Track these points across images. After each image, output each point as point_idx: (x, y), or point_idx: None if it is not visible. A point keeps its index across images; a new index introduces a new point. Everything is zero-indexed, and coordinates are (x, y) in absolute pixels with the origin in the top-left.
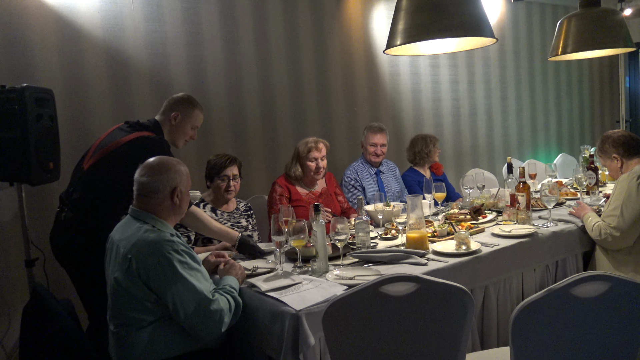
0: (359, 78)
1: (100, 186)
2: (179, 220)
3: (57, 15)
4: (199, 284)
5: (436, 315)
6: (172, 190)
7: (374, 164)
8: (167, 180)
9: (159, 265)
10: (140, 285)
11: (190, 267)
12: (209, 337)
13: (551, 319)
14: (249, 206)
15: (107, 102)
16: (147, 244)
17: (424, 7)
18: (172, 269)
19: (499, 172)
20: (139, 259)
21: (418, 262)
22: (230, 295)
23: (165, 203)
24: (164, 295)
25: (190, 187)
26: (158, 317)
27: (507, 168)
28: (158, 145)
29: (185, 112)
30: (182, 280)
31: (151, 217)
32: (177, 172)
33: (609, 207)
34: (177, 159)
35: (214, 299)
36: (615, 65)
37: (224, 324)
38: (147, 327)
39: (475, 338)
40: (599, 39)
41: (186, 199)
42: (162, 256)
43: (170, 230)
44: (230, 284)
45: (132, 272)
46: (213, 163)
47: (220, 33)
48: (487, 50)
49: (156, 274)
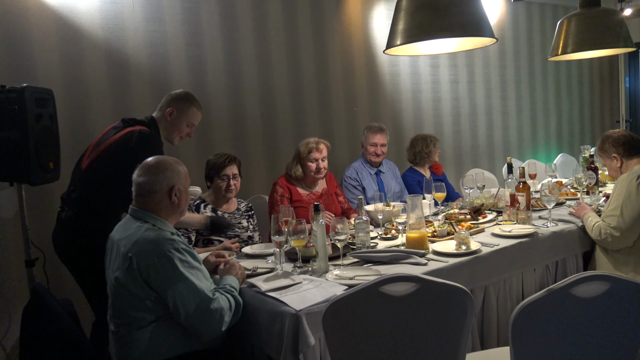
0: (359, 78)
1: (97, 184)
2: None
3: (57, 15)
4: (200, 282)
5: (436, 315)
6: (169, 189)
7: (374, 164)
8: (164, 180)
9: (160, 264)
10: (141, 284)
11: (191, 265)
12: (209, 336)
13: (551, 319)
14: (249, 206)
15: (107, 102)
16: (147, 242)
17: (424, 7)
18: (173, 268)
19: (499, 172)
20: (139, 257)
21: (418, 262)
22: (230, 295)
23: (164, 202)
24: (165, 293)
25: (189, 186)
26: (158, 317)
27: (507, 168)
28: (148, 138)
29: (181, 109)
30: (183, 278)
31: (151, 216)
32: (174, 172)
33: (609, 207)
34: (175, 159)
35: (214, 297)
36: (615, 65)
37: (225, 322)
38: (148, 327)
39: (475, 338)
40: (599, 39)
41: (185, 198)
42: (163, 254)
43: (171, 229)
44: (230, 283)
45: (133, 271)
46: (212, 163)
47: (220, 33)
48: (487, 50)
49: (157, 272)
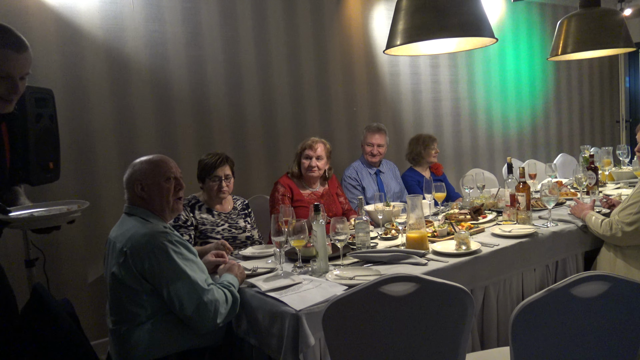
0: (359, 78)
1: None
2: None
3: (57, 15)
4: (194, 274)
5: (436, 315)
6: (134, 184)
7: (372, 164)
8: (129, 176)
9: (153, 255)
10: (137, 277)
11: (185, 257)
12: (205, 328)
13: (551, 319)
14: (246, 204)
15: (107, 102)
16: (141, 236)
17: (424, 7)
18: (166, 259)
19: (499, 172)
20: (134, 251)
21: (418, 262)
22: (227, 289)
23: (137, 197)
24: (159, 285)
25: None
26: (155, 312)
27: (507, 168)
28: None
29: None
30: (177, 270)
31: (141, 210)
32: (133, 167)
33: (628, 203)
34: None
35: (208, 289)
36: (615, 65)
37: (220, 315)
38: (146, 324)
39: (475, 338)
40: (599, 39)
41: (156, 191)
42: (156, 246)
43: (164, 223)
44: (228, 280)
45: (128, 265)
46: (204, 163)
47: (220, 33)
48: (487, 50)
49: (151, 264)
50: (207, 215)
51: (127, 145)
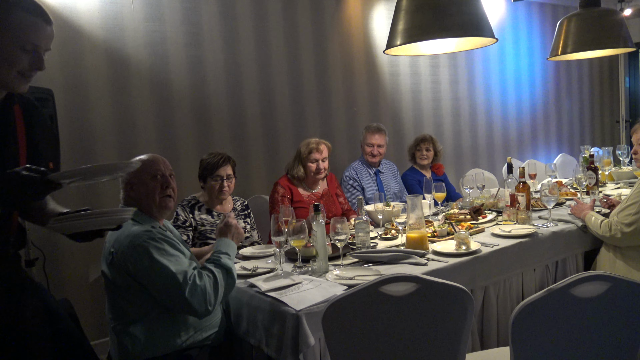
0: (359, 78)
1: None
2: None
3: (57, 15)
4: (178, 267)
5: (436, 315)
6: (126, 185)
7: (371, 164)
8: (123, 177)
9: (136, 254)
10: (124, 275)
11: (167, 253)
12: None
13: (551, 319)
14: (245, 204)
15: (107, 102)
16: (126, 236)
17: (424, 7)
18: (148, 256)
19: (499, 172)
20: (118, 251)
21: (418, 262)
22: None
23: (128, 197)
24: (146, 282)
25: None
26: (149, 309)
27: (507, 168)
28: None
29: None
30: (159, 265)
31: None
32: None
33: (627, 203)
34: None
35: (189, 282)
36: (615, 65)
37: (209, 301)
38: (142, 320)
39: (475, 338)
40: (599, 39)
41: (143, 190)
42: (139, 244)
43: (152, 222)
44: (220, 249)
45: (115, 264)
46: (206, 163)
47: (220, 33)
48: (487, 50)
49: (134, 262)
50: (206, 216)
51: (127, 145)
